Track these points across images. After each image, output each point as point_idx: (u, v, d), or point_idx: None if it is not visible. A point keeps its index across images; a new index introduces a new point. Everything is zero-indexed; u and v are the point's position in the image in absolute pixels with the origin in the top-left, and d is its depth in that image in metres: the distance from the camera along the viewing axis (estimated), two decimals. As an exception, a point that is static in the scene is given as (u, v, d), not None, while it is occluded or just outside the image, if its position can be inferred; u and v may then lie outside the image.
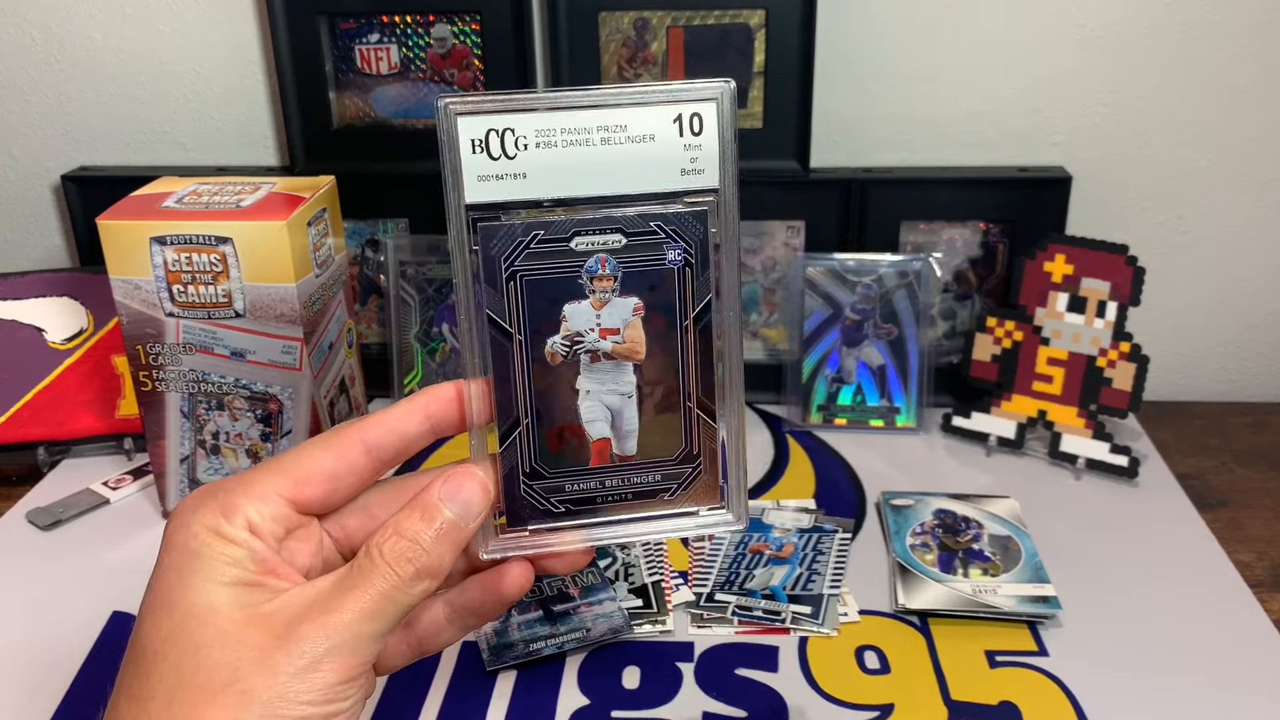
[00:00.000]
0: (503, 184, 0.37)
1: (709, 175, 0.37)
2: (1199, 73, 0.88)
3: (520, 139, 0.36)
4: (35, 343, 0.89)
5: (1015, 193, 0.89)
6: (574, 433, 0.38)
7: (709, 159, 0.37)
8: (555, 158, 0.37)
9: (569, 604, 0.68)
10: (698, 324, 0.38)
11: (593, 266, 0.37)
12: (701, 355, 0.38)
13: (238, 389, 0.75)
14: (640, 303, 0.38)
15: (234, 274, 0.71)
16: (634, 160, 0.37)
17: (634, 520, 0.39)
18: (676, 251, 0.37)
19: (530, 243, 0.37)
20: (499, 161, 0.37)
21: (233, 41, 0.94)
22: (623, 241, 0.37)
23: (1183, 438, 0.90)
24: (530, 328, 0.38)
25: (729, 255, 0.37)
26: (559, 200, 0.37)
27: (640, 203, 0.37)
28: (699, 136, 0.37)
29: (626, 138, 0.37)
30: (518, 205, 0.37)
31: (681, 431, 0.39)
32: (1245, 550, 0.75)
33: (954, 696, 0.61)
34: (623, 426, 0.39)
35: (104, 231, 0.70)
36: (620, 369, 0.38)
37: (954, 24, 0.88)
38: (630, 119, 0.37)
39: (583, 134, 0.37)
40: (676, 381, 0.39)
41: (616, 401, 0.38)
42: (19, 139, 0.99)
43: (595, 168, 0.37)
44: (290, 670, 0.35)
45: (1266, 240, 0.94)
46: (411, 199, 0.93)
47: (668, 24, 0.87)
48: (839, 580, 0.70)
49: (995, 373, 0.87)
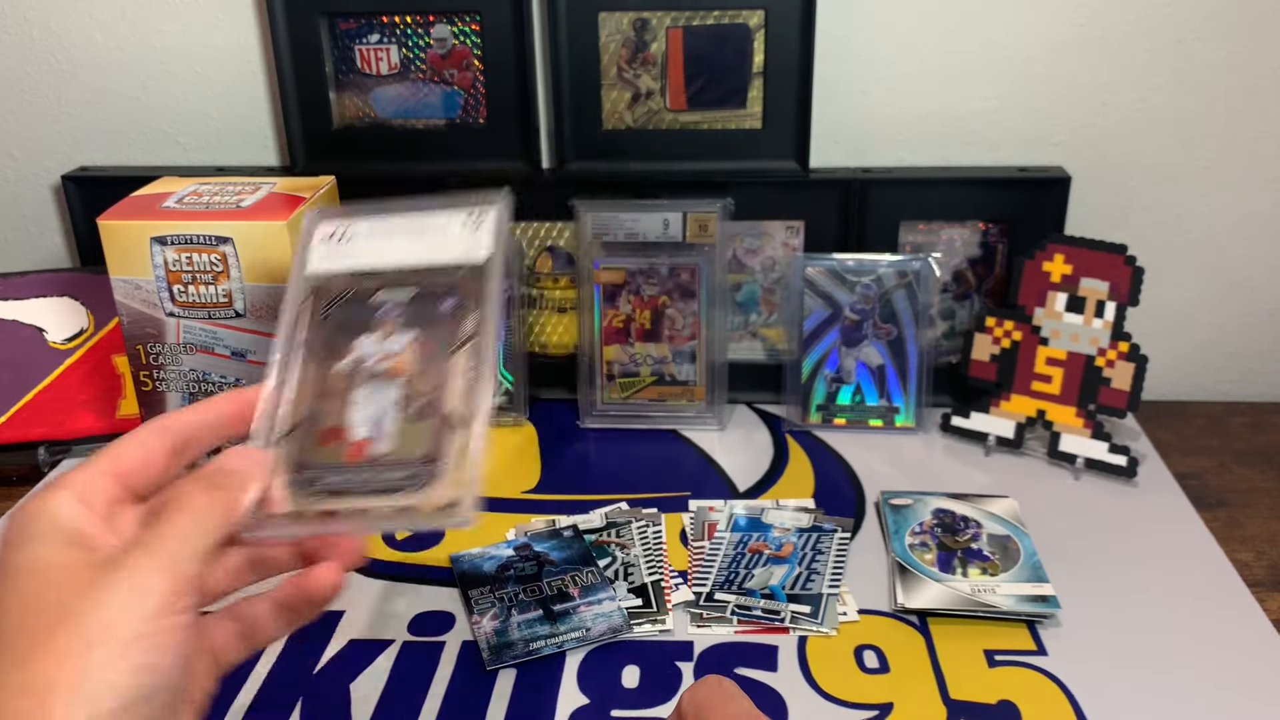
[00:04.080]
0: (338, 260, 0.52)
1: (484, 252, 0.51)
2: (1198, 73, 0.88)
3: (355, 233, 0.52)
4: (36, 343, 0.89)
5: (1014, 193, 0.89)
6: (341, 435, 0.46)
7: (486, 241, 0.51)
8: (377, 242, 0.52)
9: (569, 604, 0.68)
10: (458, 352, 0.48)
11: (384, 312, 0.50)
12: (461, 378, 0.47)
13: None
14: (416, 337, 0.49)
15: (234, 274, 0.71)
16: (433, 242, 0.52)
17: (373, 511, 0.44)
18: (450, 302, 0.50)
19: (343, 297, 0.51)
20: (337, 245, 0.52)
21: (233, 42, 0.94)
22: (413, 293, 0.50)
23: (1182, 437, 0.90)
24: (325, 352, 0.49)
25: (490, 306, 0.49)
26: (373, 269, 0.51)
27: (431, 270, 0.51)
28: (480, 229, 0.52)
29: (430, 227, 0.52)
30: (345, 273, 0.51)
31: (430, 438, 0.45)
32: (1244, 550, 0.75)
33: (953, 696, 0.61)
34: (382, 430, 0.46)
35: (104, 232, 0.71)
36: (389, 385, 0.47)
37: (953, 24, 0.88)
38: (434, 218, 0.52)
39: (399, 226, 0.53)
40: (436, 398, 0.46)
41: (379, 411, 0.47)
42: (19, 139, 0.99)
43: (404, 247, 0.52)
44: (122, 596, 0.38)
45: (1265, 240, 0.94)
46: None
47: (667, 24, 0.87)
48: (838, 580, 0.70)
49: (994, 372, 0.87)
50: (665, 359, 0.92)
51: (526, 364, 0.93)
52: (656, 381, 0.92)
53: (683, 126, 0.90)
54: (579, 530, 0.76)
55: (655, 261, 0.90)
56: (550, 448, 0.89)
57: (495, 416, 0.93)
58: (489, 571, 0.72)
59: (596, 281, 0.91)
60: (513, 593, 0.70)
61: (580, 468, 0.86)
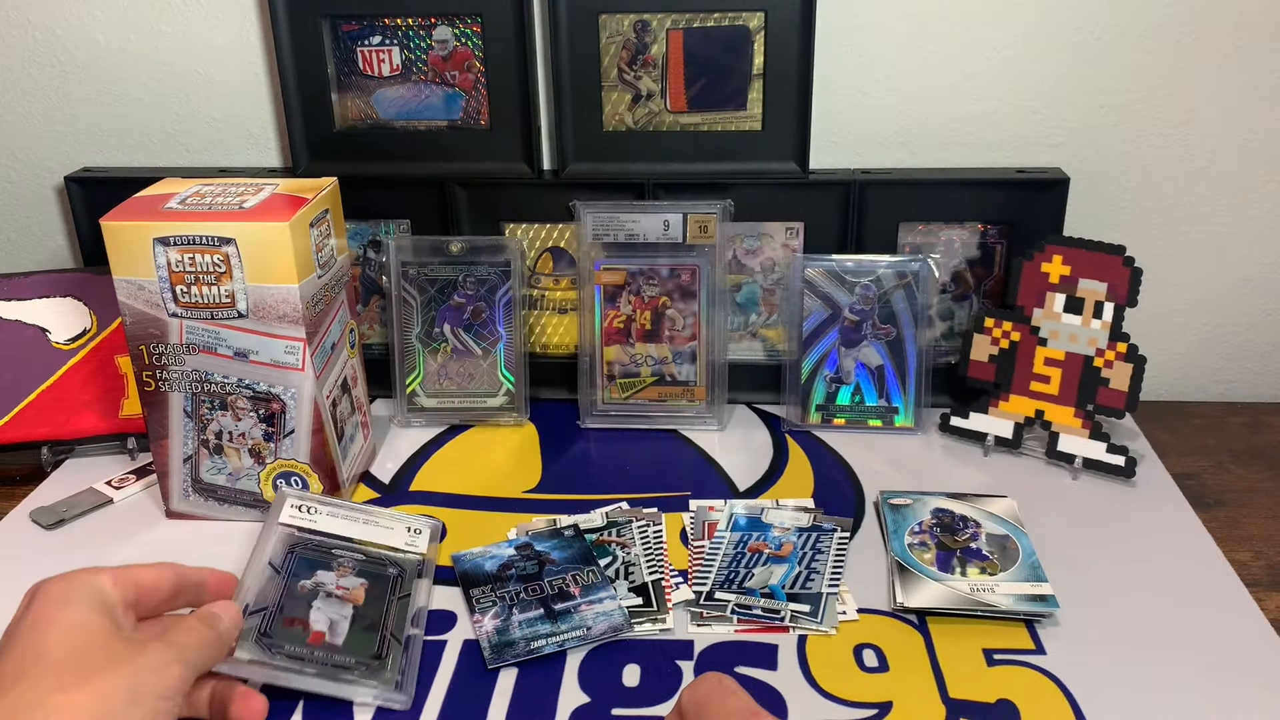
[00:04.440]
0: (304, 523, 0.72)
1: (421, 546, 0.74)
2: (1196, 74, 0.89)
3: (320, 510, 0.73)
4: (39, 343, 0.89)
5: (1013, 194, 0.89)
6: (303, 624, 0.64)
7: (422, 541, 0.74)
8: (333, 522, 0.73)
9: (570, 602, 0.69)
10: (400, 600, 0.68)
11: (339, 562, 0.70)
12: (398, 612, 0.67)
13: (240, 389, 0.76)
14: (366, 583, 0.68)
15: (237, 274, 0.72)
16: (381, 534, 0.73)
17: (324, 680, 0.62)
18: (394, 569, 0.70)
19: (307, 547, 0.70)
20: (305, 514, 0.72)
21: (235, 43, 0.94)
22: (364, 557, 0.71)
23: (1180, 438, 0.90)
24: (291, 576, 0.67)
25: (423, 580, 0.71)
26: (335, 536, 0.72)
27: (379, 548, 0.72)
28: (419, 536, 0.74)
29: (377, 527, 0.74)
30: (309, 532, 0.71)
31: (376, 644, 0.64)
32: (1242, 549, 0.75)
33: (952, 694, 0.62)
34: (337, 630, 0.64)
35: (107, 232, 0.71)
36: (343, 605, 0.66)
37: (952, 26, 0.89)
38: (381, 526, 0.74)
39: (353, 514, 0.74)
40: (379, 619, 0.66)
41: (334, 617, 0.65)
42: (22, 140, 1.00)
43: (357, 528, 0.73)
44: (148, 668, 0.51)
45: (1263, 241, 0.94)
46: (413, 200, 0.93)
47: (667, 26, 0.88)
48: (838, 579, 0.71)
49: (993, 373, 0.87)
50: (665, 359, 0.92)
51: (527, 364, 0.94)
52: (657, 382, 0.92)
53: (683, 128, 0.91)
54: (580, 530, 0.76)
55: (656, 262, 0.90)
56: (551, 448, 0.89)
57: (496, 416, 0.93)
58: (490, 570, 0.72)
59: (597, 282, 0.91)
60: (514, 592, 0.70)
61: (581, 468, 0.87)
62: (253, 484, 0.79)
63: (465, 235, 0.94)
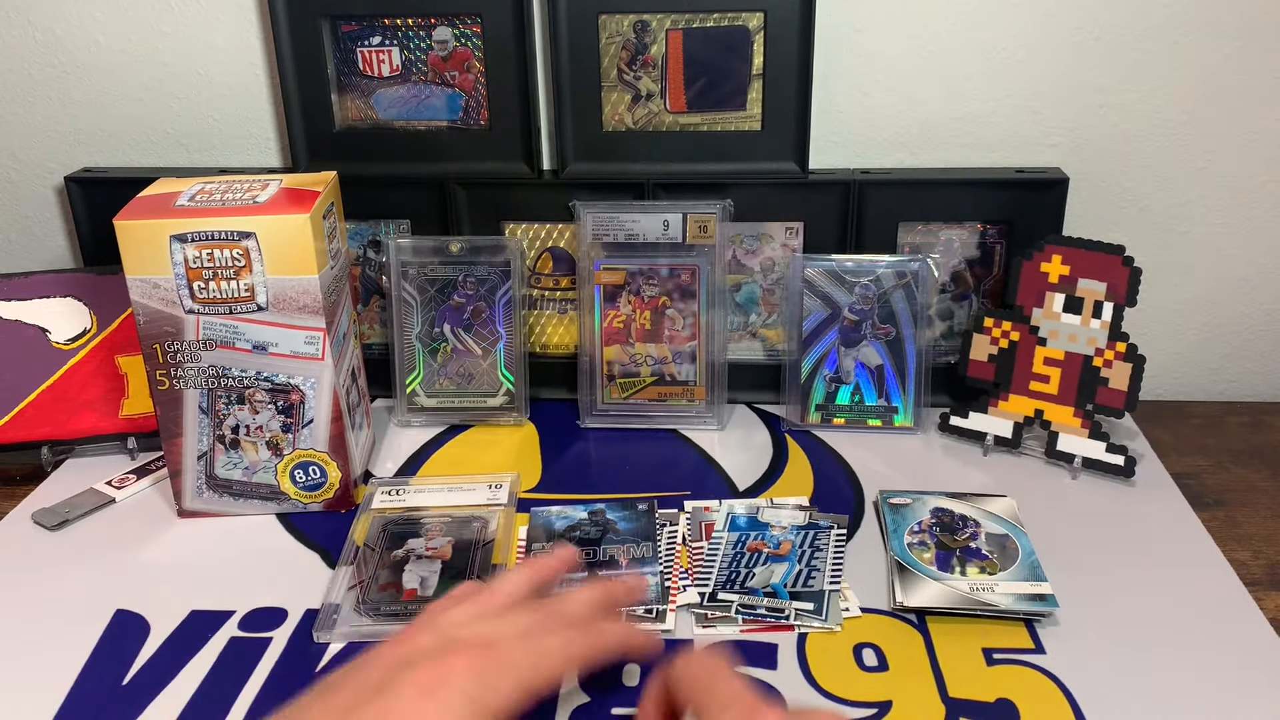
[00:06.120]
0: (394, 505, 0.80)
1: (502, 499, 0.80)
2: (1195, 74, 0.89)
3: (408, 489, 0.81)
4: (39, 343, 0.89)
5: (1012, 194, 0.89)
6: (395, 587, 0.70)
7: (503, 494, 0.81)
8: (420, 497, 0.81)
9: (615, 571, 0.71)
10: (484, 546, 0.74)
11: (426, 528, 0.76)
12: (483, 558, 0.73)
13: (259, 382, 0.76)
14: (452, 539, 0.74)
15: (257, 268, 0.72)
16: (465, 497, 0.81)
17: None
18: (478, 522, 0.77)
19: (398, 523, 0.77)
20: (394, 497, 0.80)
21: (235, 43, 0.94)
22: (450, 519, 0.77)
23: (1179, 437, 0.90)
24: (385, 550, 0.74)
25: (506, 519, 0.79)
26: (422, 509, 0.79)
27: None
28: (500, 490, 0.81)
29: (461, 491, 0.81)
30: (399, 511, 0.79)
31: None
32: (1241, 549, 0.75)
33: (952, 694, 0.62)
34: (427, 585, 0.70)
35: (121, 232, 0.70)
36: (432, 563, 0.72)
37: (951, 26, 0.89)
38: (464, 490, 0.82)
39: (437, 486, 0.82)
40: (466, 567, 0.71)
41: (424, 574, 0.71)
42: (22, 140, 1.00)
43: (442, 496, 0.81)
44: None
45: (1263, 241, 0.94)
46: (413, 200, 0.94)
47: (667, 26, 0.88)
48: (838, 575, 0.71)
49: (992, 372, 0.87)
50: (665, 359, 0.92)
51: (527, 364, 0.94)
52: (656, 381, 0.92)
53: (683, 128, 0.91)
54: (654, 506, 0.78)
55: (655, 262, 0.90)
56: (551, 447, 0.89)
57: (496, 416, 0.93)
58: (558, 529, 0.76)
59: (597, 282, 0.91)
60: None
61: (580, 467, 0.87)
62: (269, 476, 0.79)
63: (465, 235, 0.94)
